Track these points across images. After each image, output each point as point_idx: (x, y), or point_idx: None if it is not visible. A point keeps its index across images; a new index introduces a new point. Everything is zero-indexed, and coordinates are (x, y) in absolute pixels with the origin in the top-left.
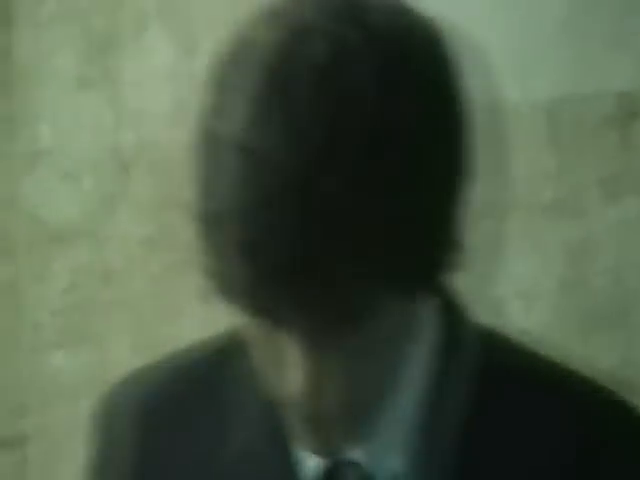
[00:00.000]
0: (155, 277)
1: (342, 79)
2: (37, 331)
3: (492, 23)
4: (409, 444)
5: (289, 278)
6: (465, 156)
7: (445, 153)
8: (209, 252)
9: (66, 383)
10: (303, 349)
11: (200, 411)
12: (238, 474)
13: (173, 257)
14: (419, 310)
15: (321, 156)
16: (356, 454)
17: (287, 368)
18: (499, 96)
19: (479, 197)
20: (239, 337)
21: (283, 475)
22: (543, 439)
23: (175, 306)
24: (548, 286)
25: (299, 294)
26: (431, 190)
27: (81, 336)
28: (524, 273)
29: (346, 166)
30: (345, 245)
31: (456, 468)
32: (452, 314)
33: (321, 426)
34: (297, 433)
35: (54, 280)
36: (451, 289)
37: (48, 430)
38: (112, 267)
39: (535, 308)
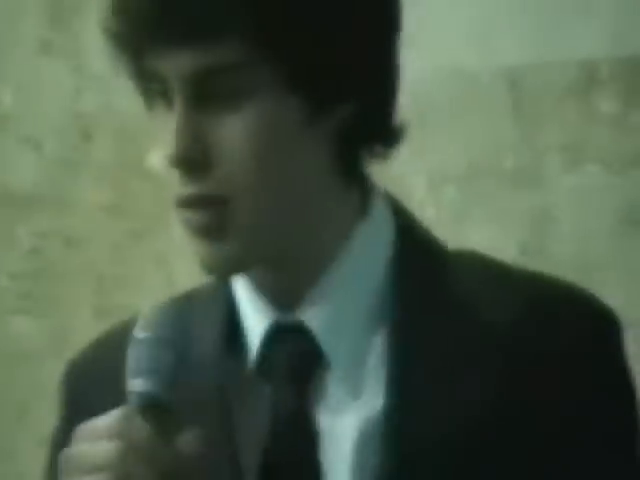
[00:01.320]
0: (116, 243)
1: None
2: None
3: None
4: (364, 317)
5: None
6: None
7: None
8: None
9: (28, 347)
10: (185, 96)
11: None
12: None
13: (134, 224)
14: (368, 201)
15: None
16: (304, 313)
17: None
18: (460, 63)
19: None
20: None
21: (224, 333)
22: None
23: (136, 272)
24: (509, 253)
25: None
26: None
27: (43, 301)
28: (484, 240)
29: None
30: None
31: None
32: (399, 206)
33: (272, 279)
34: (251, 290)
35: (16, 245)
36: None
37: (12, 393)
38: (74, 233)
39: None
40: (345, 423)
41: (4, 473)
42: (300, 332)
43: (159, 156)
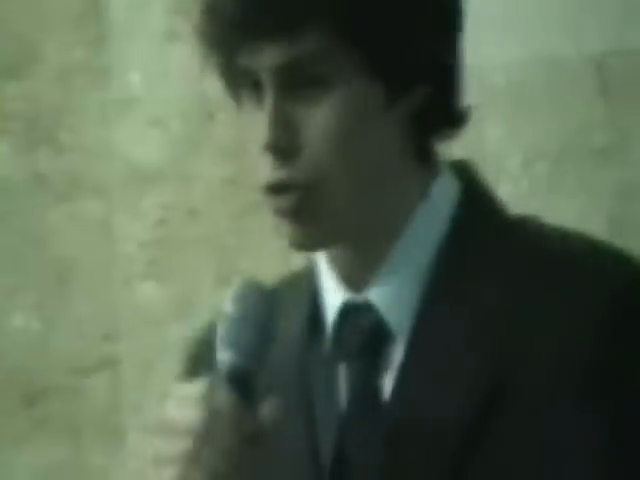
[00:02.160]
0: (236, 215)
1: None
2: (128, 263)
3: None
4: (424, 290)
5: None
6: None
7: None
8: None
9: (154, 311)
10: (274, 87)
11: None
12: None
13: (252, 197)
14: (435, 174)
15: None
16: (373, 294)
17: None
18: (551, 49)
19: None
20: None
21: (307, 312)
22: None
23: (254, 242)
24: (597, 224)
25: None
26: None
27: (167, 268)
28: (574, 211)
29: None
30: None
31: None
32: (467, 176)
33: (346, 260)
34: (328, 272)
35: (144, 217)
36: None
37: (138, 354)
38: (197, 205)
39: None
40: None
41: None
42: (367, 309)
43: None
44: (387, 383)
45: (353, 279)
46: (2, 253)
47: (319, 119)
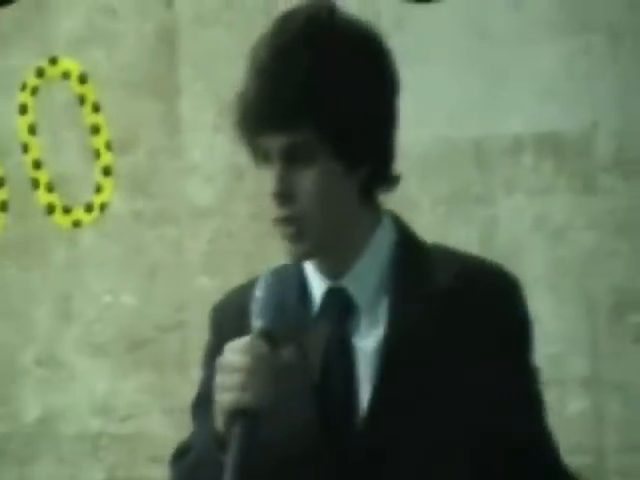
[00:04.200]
0: (259, 236)
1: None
2: (192, 265)
3: None
4: (380, 281)
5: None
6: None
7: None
8: (242, 102)
9: (208, 294)
10: (279, 159)
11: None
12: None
13: (268, 226)
14: (380, 217)
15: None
16: (345, 282)
17: (274, 182)
18: None
19: None
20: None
21: (303, 307)
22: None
23: (269, 252)
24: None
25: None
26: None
27: (216, 268)
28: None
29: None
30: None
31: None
32: (396, 218)
33: (327, 263)
34: (314, 269)
35: (201, 236)
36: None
37: (198, 320)
38: (233, 230)
39: None
40: (367, 343)
41: None
42: (342, 292)
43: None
44: (353, 336)
45: (332, 275)
46: (112, 259)
47: (306, 180)
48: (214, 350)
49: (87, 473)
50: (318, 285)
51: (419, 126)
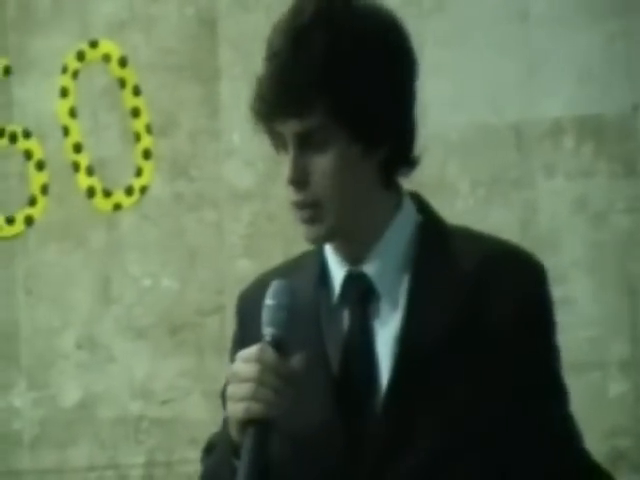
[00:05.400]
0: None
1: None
2: (232, 248)
3: None
4: (401, 265)
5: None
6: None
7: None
8: (260, 91)
9: (246, 276)
10: (294, 144)
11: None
12: (298, 304)
13: None
14: (401, 199)
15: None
16: (366, 268)
17: (289, 167)
18: None
19: None
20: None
21: (323, 293)
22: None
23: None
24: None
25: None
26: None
27: (255, 251)
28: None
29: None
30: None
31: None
32: (419, 198)
33: (346, 247)
34: (334, 254)
35: (241, 219)
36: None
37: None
38: (273, 212)
39: None
40: (388, 327)
41: None
42: (363, 278)
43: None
44: (374, 320)
45: (353, 259)
46: (152, 243)
47: (321, 165)
48: (239, 342)
49: (126, 456)
50: (338, 270)
51: (458, 110)
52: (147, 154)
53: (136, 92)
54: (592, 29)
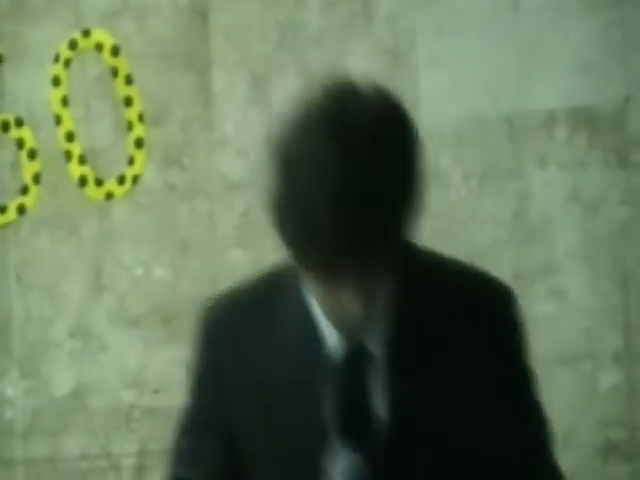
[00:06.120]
0: None
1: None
2: (224, 238)
3: None
4: (387, 332)
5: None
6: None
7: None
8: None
9: (239, 267)
10: (356, 292)
11: (261, 315)
12: (284, 351)
13: None
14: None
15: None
16: (366, 341)
17: (345, 304)
18: None
19: None
20: (285, 269)
21: (315, 351)
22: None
23: None
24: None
25: (356, 264)
26: (411, 205)
27: (248, 241)
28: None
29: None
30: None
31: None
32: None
33: (349, 325)
34: (331, 326)
35: (234, 210)
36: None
37: None
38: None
39: None
40: (379, 383)
41: None
42: (363, 348)
43: None
44: (369, 377)
45: (347, 327)
46: (144, 232)
47: (373, 295)
48: (208, 372)
49: (119, 446)
50: (332, 336)
51: (452, 100)
52: (139, 143)
53: (128, 81)
54: (587, 20)
